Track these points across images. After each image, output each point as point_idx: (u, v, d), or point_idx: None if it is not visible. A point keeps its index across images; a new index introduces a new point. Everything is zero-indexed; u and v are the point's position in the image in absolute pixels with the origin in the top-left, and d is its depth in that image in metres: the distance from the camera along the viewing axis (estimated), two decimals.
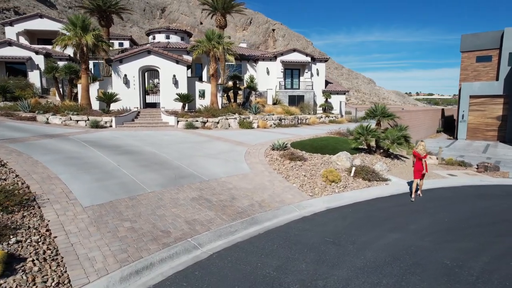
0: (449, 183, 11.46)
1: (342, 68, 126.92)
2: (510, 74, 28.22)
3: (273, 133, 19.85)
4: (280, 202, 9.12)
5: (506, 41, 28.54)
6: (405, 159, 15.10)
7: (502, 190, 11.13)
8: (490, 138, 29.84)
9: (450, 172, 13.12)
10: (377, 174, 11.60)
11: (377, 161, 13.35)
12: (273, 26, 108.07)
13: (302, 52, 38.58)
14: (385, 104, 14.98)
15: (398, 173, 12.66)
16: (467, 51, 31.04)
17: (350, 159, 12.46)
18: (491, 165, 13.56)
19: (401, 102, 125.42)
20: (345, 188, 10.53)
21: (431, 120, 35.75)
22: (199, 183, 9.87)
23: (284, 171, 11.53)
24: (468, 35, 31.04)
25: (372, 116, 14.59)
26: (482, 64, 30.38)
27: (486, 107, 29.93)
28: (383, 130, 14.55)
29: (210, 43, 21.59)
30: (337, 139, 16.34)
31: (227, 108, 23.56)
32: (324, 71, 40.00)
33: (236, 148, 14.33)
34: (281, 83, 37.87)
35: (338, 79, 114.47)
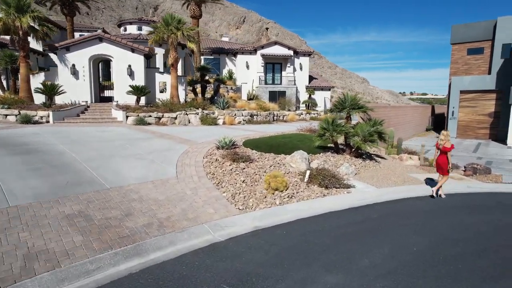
0: (428, 191, 9.05)
1: (336, 67, 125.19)
2: (503, 67, 26.06)
3: (236, 129, 17.40)
4: (192, 220, 6.65)
5: (499, 31, 26.35)
6: (380, 159, 12.70)
7: (494, 199, 8.79)
8: (481, 136, 27.65)
9: (432, 176, 10.73)
10: (338, 180, 9.17)
11: (344, 163, 10.93)
12: (266, 24, 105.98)
13: (284, 45, 36.19)
14: (356, 94, 12.47)
15: (367, 177, 10.25)
16: (458, 43, 28.82)
17: (307, 160, 10.01)
18: (481, 167, 11.23)
19: (394, 101, 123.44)
20: (291, 198, 8.08)
21: (421, 117, 33.54)
22: (93, 192, 7.38)
23: (220, 175, 9.07)
24: (459, 26, 28.82)
25: (340, 108, 12.17)
26: (474, 56, 28.17)
27: (477, 103, 27.72)
28: (353, 125, 12.15)
29: (167, 28, 19.05)
30: (303, 136, 13.92)
31: (190, 103, 21.06)
32: (308, 66, 37.64)
33: (175, 147, 11.84)
34: (261, 78, 35.44)
35: (332, 78, 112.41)
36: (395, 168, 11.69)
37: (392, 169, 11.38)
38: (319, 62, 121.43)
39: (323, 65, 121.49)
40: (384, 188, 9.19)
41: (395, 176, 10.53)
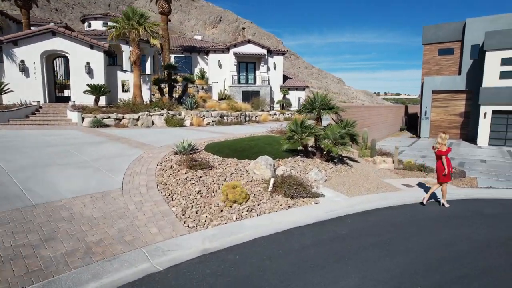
0: (402, 199, 8.33)
1: (312, 68, 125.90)
2: (472, 68, 26.29)
3: (202, 131, 16.27)
4: (128, 244, 5.54)
5: (468, 33, 26.57)
6: (353, 163, 11.96)
7: (472, 208, 8.16)
8: (453, 136, 27.81)
9: (406, 181, 10.07)
10: (306, 188, 8.28)
11: (313, 168, 10.07)
12: (243, 24, 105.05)
13: (258, 44, 35.29)
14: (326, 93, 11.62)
15: (338, 184, 9.43)
16: (429, 43, 28.90)
17: (272, 167, 9.07)
18: (456, 170, 10.71)
19: (369, 101, 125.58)
20: (251, 211, 7.10)
21: (394, 117, 33.53)
22: (11, 211, 6.11)
23: (173, 185, 7.97)
24: (430, 26, 28.91)
25: (309, 108, 11.32)
26: (444, 57, 28.31)
27: (448, 103, 27.86)
28: (324, 126, 11.33)
29: (128, 23, 17.65)
30: (273, 138, 12.99)
31: (155, 103, 19.71)
32: (282, 65, 36.92)
33: (128, 152, 10.60)
34: (234, 77, 34.39)
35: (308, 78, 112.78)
36: (368, 172, 10.97)
37: (365, 174, 10.64)
38: (296, 63, 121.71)
39: (300, 65, 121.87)
40: (356, 197, 8.39)
41: (368, 182, 9.78)
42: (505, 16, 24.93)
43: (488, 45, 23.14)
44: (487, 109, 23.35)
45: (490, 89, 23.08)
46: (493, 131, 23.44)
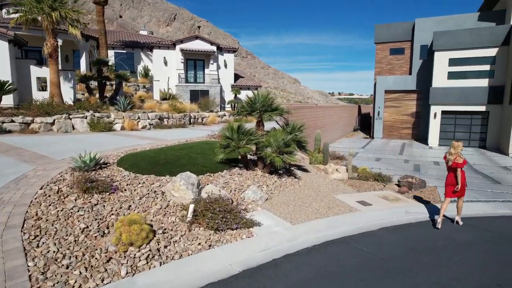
0: (357, 225, 6.69)
1: (269, 68, 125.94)
2: (422, 68, 26.14)
3: (131, 137, 13.81)
4: None
5: (417, 33, 26.38)
6: (302, 174, 10.26)
7: (443, 233, 6.68)
8: (405, 137, 27.59)
9: (362, 197, 8.52)
10: (236, 216, 6.34)
11: (252, 184, 8.18)
12: (198, 23, 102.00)
13: (206, 40, 33.02)
14: (268, 92, 9.73)
15: (281, 204, 7.60)
16: (381, 43, 28.46)
17: (195, 186, 7.03)
18: (416, 180, 9.41)
19: (324, 101, 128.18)
20: (153, 258, 5.00)
21: (348, 117, 32.91)
22: None
23: (49, 221, 5.65)
24: (382, 26, 28.48)
25: (249, 110, 9.43)
26: (396, 57, 28.01)
27: (400, 103, 27.59)
28: (266, 132, 9.48)
29: (38, 6, 14.64)
30: (210, 145, 10.93)
31: (79, 104, 16.80)
32: (233, 63, 34.97)
33: (10, 170, 7.99)
34: (182, 76, 31.85)
35: (265, 78, 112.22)
36: (319, 185, 9.30)
37: (314, 189, 8.94)
38: (253, 63, 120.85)
39: (257, 65, 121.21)
40: (301, 224, 6.59)
41: (318, 200, 8.07)
42: (453, 18, 24.98)
43: (436, 45, 22.89)
44: (437, 109, 23.13)
45: (439, 89, 22.85)
46: (442, 132, 23.29)
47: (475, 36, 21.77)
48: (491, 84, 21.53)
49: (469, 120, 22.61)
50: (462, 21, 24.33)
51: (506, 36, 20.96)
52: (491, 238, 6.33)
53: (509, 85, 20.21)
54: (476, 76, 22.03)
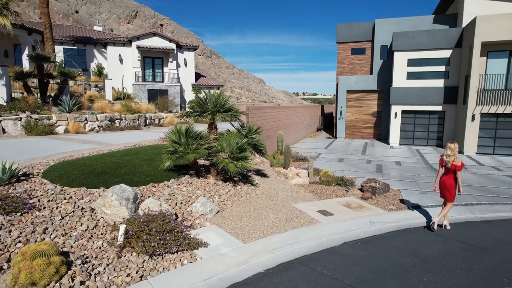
0: (318, 240, 5.97)
1: (234, 68, 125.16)
2: (382, 68, 26.44)
3: (72, 141, 12.32)
4: None
5: (377, 33, 26.66)
6: (260, 179, 9.46)
7: (406, 246, 6.12)
8: (367, 136, 27.81)
9: (324, 205, 7.86)
10: (178, 236, 5.38)
11: (201, 194, 7.24)
12: (161, 21, 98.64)
13: (165, 37, 31.45)
14: (222, 91, 8.77)
15: (234, 217, 6.73)
16: (343, 42, 28.50)
17: (131, 202, 5.98)
18: (379, 184, 8.93)
19: (289, 101, 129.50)
20: None
21: (312, 117, 32.77)
22: None
23: None
24: (343, 25, 28.52)
25: (199, 111, 8.45)
26: (357, 56, 28.17)
27: (362, 102, 27.76)
28: (218, 135, 8.56)
29: None
30: (158, 150, 9.83)
31: (12, 104, 14.93)
32: (194, 62, 33.65)
33: None
34: (139, 74, 30.12)
35: (229, 78, 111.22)
36: (278, 193, 8.54)
37: (273, 197, 8.17)
38: (217, 62, 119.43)
39: (221, 65, 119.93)
40: (254, 243, 5.75)
41: (276, 210, 7.29)
42: (410, 19, 25.43)
43: (395, 46, 23.13)
44: (397, 109, 23.39)
45: (399, 89, 23.11)
46: (403, 131, 23.59)
47: (431, 37, 22.20)
48: (446, 84, 22.06)
49: (427, 120, 23.06)
50: (419, 23, 24.82)
51: (458, 38, 21.53)
52: (461, 250, 5.86)
53: (462, 86, 20.75)
54: (433, 77, 22.48)
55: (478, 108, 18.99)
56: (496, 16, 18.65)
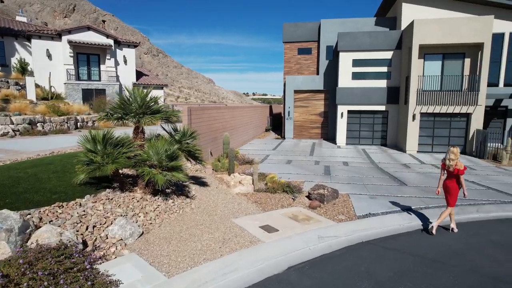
0: (258, 267, 5.04)
1: (182, 67, 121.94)
2: (328, 68, 26.61)
3: None
4: None
5: (323, 33, 26.77)
6: (198, 189, 8.36)
7: (365, 268, 5.38)
8: (314, 136, 27.84)
9: (268, 219, 6.97)
10: (77, 276, 4.14)
11: (122, 214, 5.98)
12: (103, 17, 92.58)
13: (101, 32, 28.91)
14: (148, 90, 7.44)
15: (161, 240, 5.59)
16: (289, 42, 28.25)
17: (15, 233, 4.59)
18: (328, 191, 8.30)
19: (239, 101, 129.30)
20: None
21: (260, 118, 32.21)
22: None
23: None
24: (289, 25, 28.28)
25: (121, 113, 7.12)
26: (304, 56, 28.08)
27: (309, 102, 27.73)
28: (145, 141, 7.31)
29: None
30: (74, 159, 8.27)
31: None
32: (135, 59, 31.44)
33: None
34: (71, 72, 27.31)
35: (178, 78, 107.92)
36: (217, 206, 7.52)
37: (210, 211, 7.13)
38: (165, 61, 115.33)
39: (169, 64, 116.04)
40: (181, 276, 4.66)
41: (213, 229, 6.26)
42: (354, 21, 25.86)
43: (340, 46, 23.29)
44: (343, 109, 23.56)
45: (345, 89, 23.30)
46: (349, 131, 23.85)
47: (373, 39, 22.64)
48: (389, 85, 22.63)
49: (372, 119, 23.51)
50: (362, 24, 25.29)
51: (398, 40, 22.19)
52: (418, 267, 5.30)
53: (403, 86, 21.38)
54: (376, 77, 22.95)
55: (418, 108, 19.60)
56: (431, 21, 19.38)
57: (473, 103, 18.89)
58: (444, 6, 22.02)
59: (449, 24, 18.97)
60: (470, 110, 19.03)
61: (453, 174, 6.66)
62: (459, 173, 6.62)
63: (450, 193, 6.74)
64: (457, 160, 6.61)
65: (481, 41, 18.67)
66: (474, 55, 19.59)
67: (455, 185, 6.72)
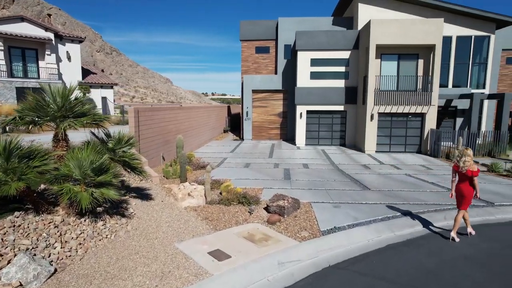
0: None
1: (138, 66, 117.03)
2: (287, 68, 26.07)
3: None
4: None
5: (281, 32, 26.17)
6: (139, 204, 7.09)
7: None
8: (274, 137, 27.19)
9: (218, 243, 5.89)
10: None
11: (28, 246, 4.61)
12: (48, 10, 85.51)
13: (39, 24, 26.06)
14: (70, 88, 6.04)
15: (82, 278, 4.33)
16: (247, 40, 27.33)
17: None
18: (288, 202, 7.39)
19: (197, 101, 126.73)
20: None
21: (218, 118, 30.99)
22: None
23: None
24: (246, 22, 27.36)
25: (34, 117, 5.69)
26: (261, 55, 27.31)
27: (268, 103, 27.02)
28: (65, 151, 5.93)
29: None
30: None
31: None
32: (80, 55, 28.80)
33: None
34: (2, 68, 24.22)
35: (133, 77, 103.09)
36: (159, 225, 6.32)
37: (150, 234, 5.92)
38: (119, 60, 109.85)
39: (123, 63, 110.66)
40: None
41: (149, 258, 5.08)
42: (312, 19, 25.53)
43: (299, 45, 22.79)
44: (302, 109, 23.10)
45: (303, 89, 22.84)
46: (308, 131, 23.44)
47: (331, 38, 22.39)
48: (347, 85, 22.51)
49: (331, 120, 23.28)
50: (320, 23, 25.02)
51: (355, 40, 22.13)
52: None
53: (361, 86, 21.32)
54: (334, 77, 22.73)
55: (376, 108, 19.55)
56: (387, 21, 19.42)
57: (427, 103, 19.18)
58: (398, 9, 22.32)
59: (404, 25, 19.12)
60: (424, 110, 19.31)
61: (467, 176, 6.48)
62: (473, 175, 6.43)
63: (465, 196, 6.55)
64: (471, 162, 6.46)
65: (433, 43, 19.00)
66: (427, 56, 19.95)
67: (469, 188, 6.53)
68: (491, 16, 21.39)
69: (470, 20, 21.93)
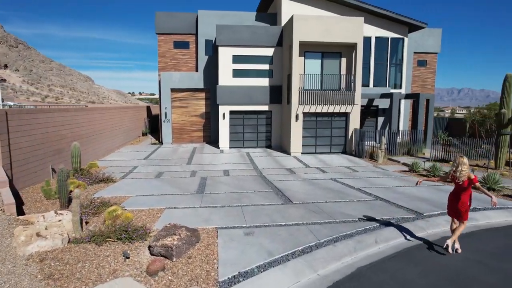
0: None
1: (52, 62, 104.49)
2: (208, 65, 24.07)
3: None
4: None
5: (201, 26, 24.07)
6: None
7: None
8: (196, 140, 24.98)
9: None
10: None
11: None
12: None
13: None
14: None
15: None
16: (164, 34, 24.65)
17: None
18: (181, 237, 5.40)
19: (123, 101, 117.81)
20: None
21: (135, 120, 27.69)
22: None
23: None
24: (163, 14, 24.64)
25: None
26: (181, 51, 24.87)
27: (189, 103, 24.69)
28: None
29: None
30: None
31: None
32: None
33: None
34: None
35: (46, 74, 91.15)
36: None
37: None
38: (27, 54, 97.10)
39: (34, 58, 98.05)
40: None
41: None
42: (234, 14, 23.92)
43: (219, 40, 20.97)
44: (225, 109, 21.35)
45: (226, 87, 21.11)
46: (232, 133, 21.78)
47: (253, 33, 21.00)
48: (271, 83, 21.35)
49: (256, 120, 21.92)
50: (243, 18, 23.54)
51: (279, 37, 21.08)
52: None
53: (285, 85, 20.30)
54: (258, 75, 21.40)
55: (301, 107, 18.61)
56: (310, 17, 18.62)
57: (350, 103, 18.80)
58: (320, 6, 21.79)
59: (326, 23, 18.48)
60: (348, 110, 18.91)
61: (464, 185, 5.99)
62: (474, 181, 5.96)
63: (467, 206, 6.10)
64: (468, 170, 6.00)
65: (354, 42, 18.68)
66: (349, 55, 19.63)
67: (466, 198, 6.08)
68: (404, 20, 22.01)
69: (386, 22, 22.33)
